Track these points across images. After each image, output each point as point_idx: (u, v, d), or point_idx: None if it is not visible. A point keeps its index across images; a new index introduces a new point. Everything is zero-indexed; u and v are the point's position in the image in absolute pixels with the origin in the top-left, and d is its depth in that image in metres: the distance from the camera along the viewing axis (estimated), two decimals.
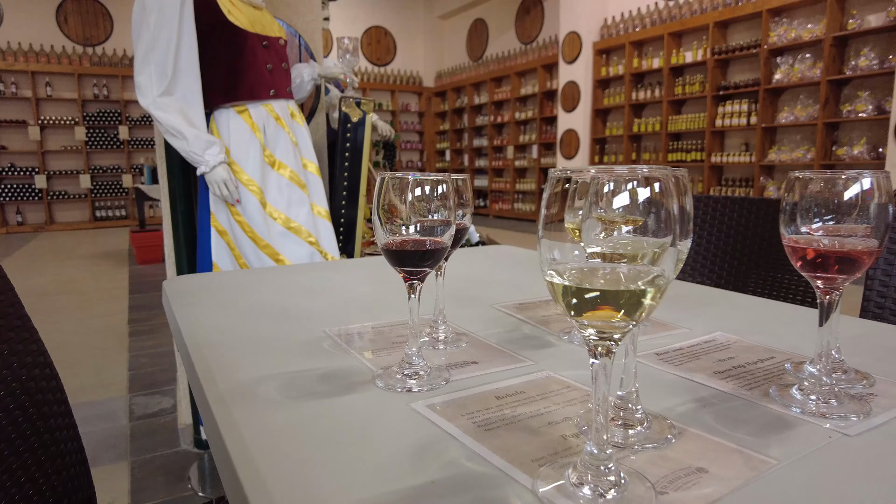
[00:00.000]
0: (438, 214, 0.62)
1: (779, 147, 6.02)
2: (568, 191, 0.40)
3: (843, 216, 0.57)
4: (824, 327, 0.59)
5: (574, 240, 0.41)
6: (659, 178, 0.39)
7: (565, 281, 0.39)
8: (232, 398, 0.60)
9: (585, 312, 0.39)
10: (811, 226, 0.58)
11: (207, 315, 0.93)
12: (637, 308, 0.39)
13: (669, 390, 0.62)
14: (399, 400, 0.59)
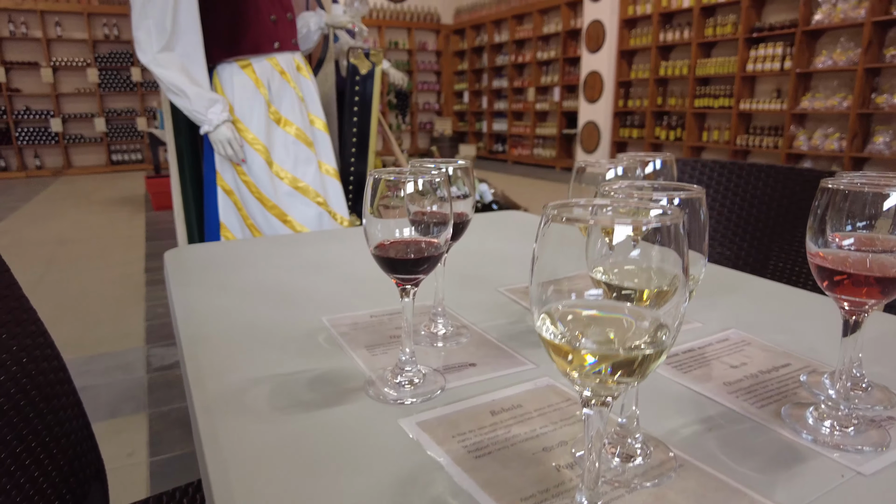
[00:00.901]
0: (435, 220, 0.58)
1: (813, 94, 5.73)
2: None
3: (880, 226, 0.51)
4: (848, 339, 0.54)
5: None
6: (668, 223, 0.34)
7: (557, 337, 0.35)
8: (219, 407, 0.58)
9: (577, 374, 0.36)
10: (841, 238, 0.52)
11: (205, 297, 0.91)
12: (638, 372, 0.35)
13: (675, 406, 0.59)
14: (389, 414, 0.57)
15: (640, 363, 0.35)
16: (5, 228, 5.57)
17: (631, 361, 0.35)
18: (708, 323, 0.80)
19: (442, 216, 0.58)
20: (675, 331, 0.35)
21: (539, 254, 0.35)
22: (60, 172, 9.27)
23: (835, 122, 5.65)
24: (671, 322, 0.35)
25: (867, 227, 0.52)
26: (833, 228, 0.53)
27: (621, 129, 8.08)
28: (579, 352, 0.35)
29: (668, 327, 0.35)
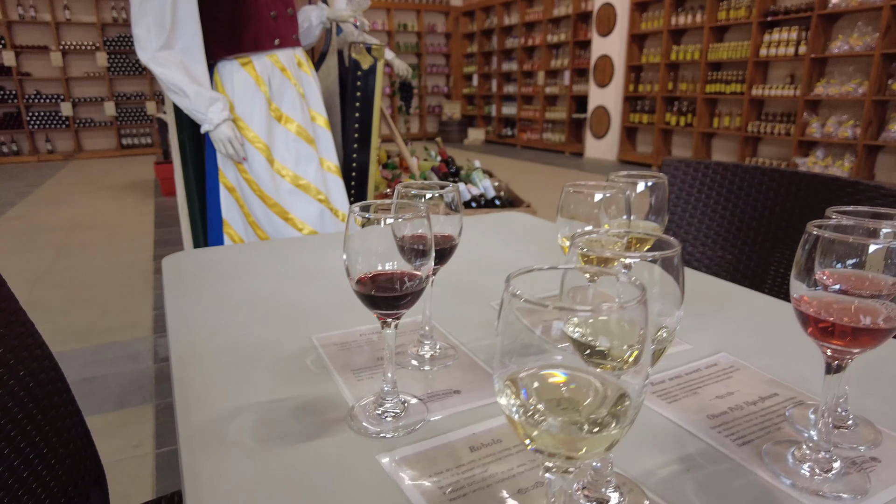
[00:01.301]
0: (418, 258, 0.57)
1: (828, 80, 5.62)
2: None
3: (872, 262, 0.50)
4: (832, 378, 0.54)
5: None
6: (630, 305, 0.33)
7: (515, 414, 0.35)
8: (202, 439, 0.59)
9: (538, 447, 0.35)
10: (829, 277, 0.52)
11: (198, 312, 0.92)
12: (599, 447, 0.35)
13: (655, 442, 0.58)
14: (369, 449, 0.57)
15: (603, 443, 0.35)
16: (18, 214, 5.63)
17: (594, 442, 0.34)
18: (698, 345, 0.80)
19: (422, 252, 0.58)
20: (638, 401, 0.35)
21: (502, 329, 0.35)
22: (71, 156, 9.33)
23: (849, 108, 5.54)
24: (635, 391, 0.35)
25: (857, 266, 0.51)
26: (822, 266, 0.52)
27: (631, 114, 7.98)
28: (539, 436, 0.35)
29: (631, 398, 0.35)
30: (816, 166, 5.69)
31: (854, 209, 0.60)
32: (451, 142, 11.41)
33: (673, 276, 0.44)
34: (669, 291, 0.45)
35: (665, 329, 0.45)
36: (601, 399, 0.36)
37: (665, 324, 0.45)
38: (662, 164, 1.60)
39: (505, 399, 0.36)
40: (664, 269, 0.44)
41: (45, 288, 3.56)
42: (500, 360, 0.35)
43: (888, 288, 0.50)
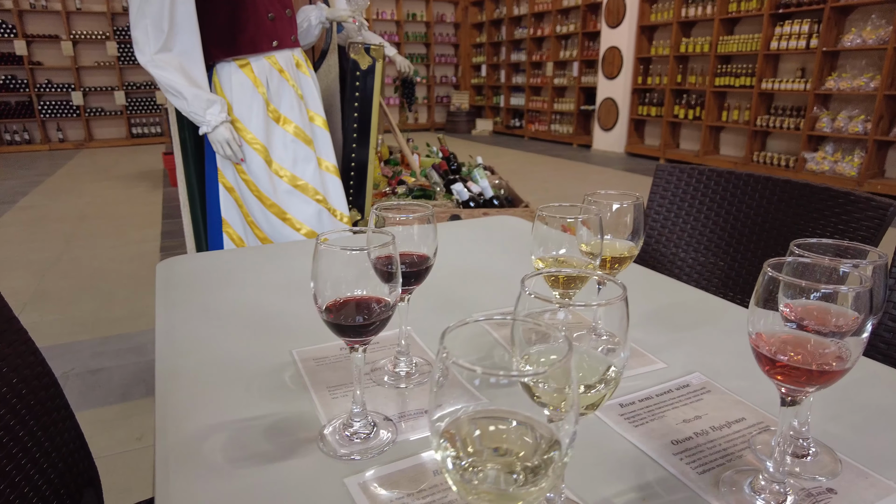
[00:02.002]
0: (387, 282, 0.59)
1: (839, 74, 5.53)
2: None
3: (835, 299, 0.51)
4: (787, 410, 0.54)
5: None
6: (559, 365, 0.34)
7: (449, 464, 0.36)
8: (176, 458, 0.61)
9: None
10: (791, 308, 0.52)
11: (186, 323, 0.94)
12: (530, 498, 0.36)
13: (616, 467, 0.60)
14: (336, 471, 0.59)
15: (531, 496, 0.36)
16: (29, 203, 5.70)
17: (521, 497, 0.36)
18: (672, 364, 0.81)
19: (390, 275, 0.59)
20: (567, 450, 0.36)
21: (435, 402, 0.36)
22: (82, 145, 9.41)
23: (860, 103, 5.47)
24: (565, 441, 0.36)
25: (823, 298, 0.51)
26: (785, 297, 0.52)
27: (640, 106, 7.91)
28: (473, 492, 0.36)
29: (561, 444, 0.36)
30: (826, 161, 5.62)
31: (818, 241, 0.60)
32: (459, 132, 11.38)
33: (618, 319, 0.45)
34: (615, 332, 0.45)
35: (613, 369, 0.46)
36: (535, 452, 0.37)
37: (612, 363, 0.46)
38: (656, 169, 1.60)
39: (440, 449, 0.37)
40: (608, 313, 0.44)
41: (54, 279, 3.61)
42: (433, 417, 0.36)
43: (849, 324, 0.50)
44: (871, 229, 1.18)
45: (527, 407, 0.38)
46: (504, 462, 0.37)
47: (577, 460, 0.61)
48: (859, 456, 0.61)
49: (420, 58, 11.67)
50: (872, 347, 1.07)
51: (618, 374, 0.46)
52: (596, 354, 0.47)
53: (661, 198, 1.59)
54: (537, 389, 0.38)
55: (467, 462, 0.36)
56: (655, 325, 0.92)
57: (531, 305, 0.44)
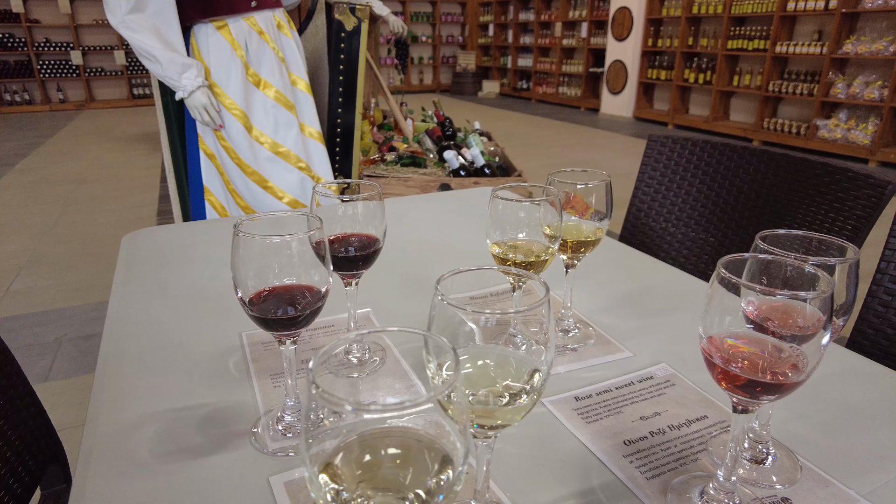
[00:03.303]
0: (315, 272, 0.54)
1: (857, 37, 5.31)
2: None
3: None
4: (739, 417, 0.50)
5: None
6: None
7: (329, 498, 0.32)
8: (100, 452, 0.58)
9: None
10: (755, 306, 0.47)
11: (140, 302, 0.90)
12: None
13: (561, 470, 0.56)
14: (263, 468, 0.56)
15: None
16: (28, 165, 5.67)
17: None
18: (640, 353, 0.76)
19: (320, 260, 0.55)
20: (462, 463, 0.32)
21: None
22: (83, 106, 9.31)
23: (878, 68, 5.26)
24: (458, 459, 0.32)
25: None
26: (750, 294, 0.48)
27: (649, 69, 7.69)
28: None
29: (454, 463, 0.33)
30: (838, 129, 5.45)
31: (787, 232, 0.55)
32: (464, 94, 11.15)
33: (543, 321, 0.40)
34: (540, 335, 0.41)
35: (538, 373, 0.42)
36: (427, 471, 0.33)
37: (537, 366, 0.42)
38: (648, 139, 1.53)
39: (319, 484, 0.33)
40: (528, 317, 0.40)
41: (50, 243, 3.60)
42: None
43: (815, 325, 0.46)
44: (868, 207, 1.12)
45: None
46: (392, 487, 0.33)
47: (519, 460, 0.57)
48: (823, 461, 0.57)
49: (425, 16, 11.35)
50: (865, 346, 1.03)
51: (542, 382, 0.41)
52: (519, 359, 0.43)
53: (653, 170, 1.53)
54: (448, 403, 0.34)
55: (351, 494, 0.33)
56: (627, 310, 0.88)
57: (444, 312, 0.39)
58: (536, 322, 0.40)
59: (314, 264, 0.56)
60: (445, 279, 0.42)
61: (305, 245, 0.54)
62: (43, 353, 2.39)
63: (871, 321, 1.02)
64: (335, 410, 0.30)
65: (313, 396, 0.30)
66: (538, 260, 0.68)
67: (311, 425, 0.31)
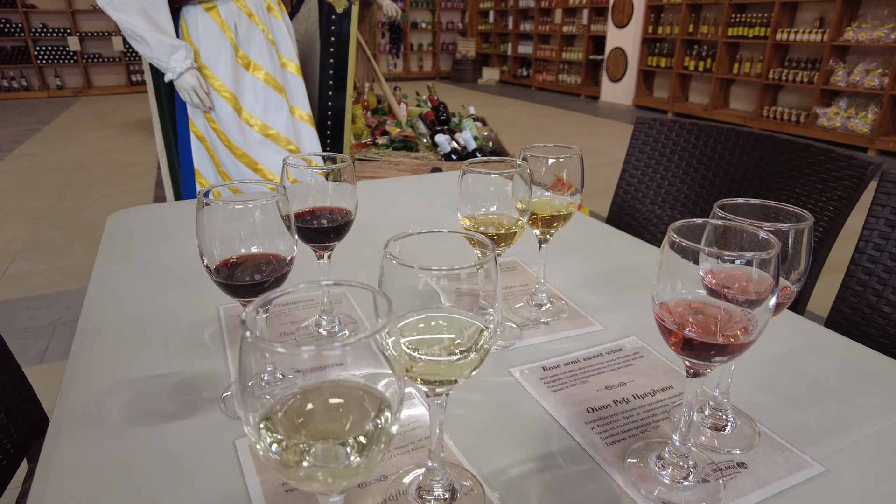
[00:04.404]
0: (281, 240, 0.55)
1: (859, 24, 5.27)
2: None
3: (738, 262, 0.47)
4: (692, 381, 0.50)
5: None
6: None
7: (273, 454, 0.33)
8: (72, 417, 0.59)
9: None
10: (713, 275, 0.48)
11: (121, 277, 0.91)
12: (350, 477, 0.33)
13: (522, 436, 0.57)
14: (231, 432, 0.57)
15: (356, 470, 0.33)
16: (25, 151, 5.67)
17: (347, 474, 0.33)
18: (610, 326, 0.77)
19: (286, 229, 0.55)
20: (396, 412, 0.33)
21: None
22: (81, 92, 9.28)
23: (879, 56, 5.23)
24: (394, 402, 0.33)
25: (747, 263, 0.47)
26: (708, 262, 0.48)
27: (649, 56, 7.64)
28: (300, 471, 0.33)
29: (391, 407, 0.34)
30: (838, 117, 5.43)
31: (745, 202, 0.56)
32: (464, 81, 11.10)
33: (488, 280, 0.41)
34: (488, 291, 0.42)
35: (486, 331, 0.42)
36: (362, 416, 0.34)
37: (485, 325, 0.42)
38: (636, 122, 1.53)
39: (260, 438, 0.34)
40: (470, 275, 0.40)
41: (46, 228, 3.61)
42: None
43: (767, 290, 0.46)
44: (850, 189, 1.13)
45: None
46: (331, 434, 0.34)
47: (482, 426, 0.58)
48: (782, 429, 0.58)
49: (425, 3, 11.26)
50: (843, 326, 1.04)
51: (488, 339, 0.42)
52: (466, 319, 0.43)
53: (640, 152, 1.53)
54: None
55: (290, 443, 0.34)
56: (603, 287, 0.89)
57: (392, 273, 0.40)
58: (487, 282, 0.41)
59: (280, 233, 0.56)
60: (394, 241, 0.42)
61: (270, 214, 0.55)
62: (38, 336, 2.41)
63: (848, 300, 1.03)
64: (274, 359, 0.31)
65: (247, 344, 0.31)
66: (508, 232, 0.68)
67: (255, 379, 0.32)
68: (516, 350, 0.72)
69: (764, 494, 0.50)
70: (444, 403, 0.45)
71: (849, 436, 0.57)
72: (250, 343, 0.31)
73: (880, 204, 1.02)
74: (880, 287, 1.00)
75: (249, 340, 0.31)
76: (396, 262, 0.39)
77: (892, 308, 0.97)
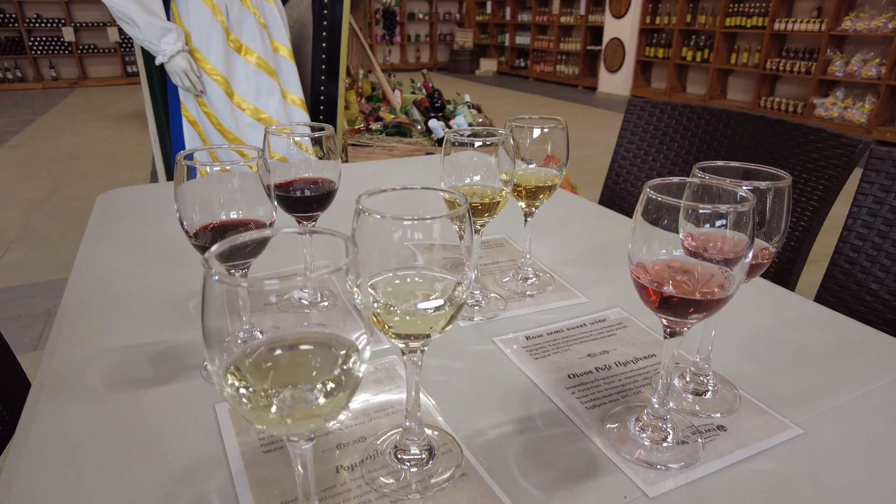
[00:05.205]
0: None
1: (857, 13, 5.26)
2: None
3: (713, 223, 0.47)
4: (670, 342, 0.50)
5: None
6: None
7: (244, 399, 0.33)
8: (54, 383, 0.59)
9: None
10: (693, 237, 0.48)
11: (109, 254, 0.91)
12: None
13: (501, 401, 0.57)
14: (210, 397, 0.57)
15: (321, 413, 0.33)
16: (20, 142, 5.64)
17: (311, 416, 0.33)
18: (595, 298, 0.77)
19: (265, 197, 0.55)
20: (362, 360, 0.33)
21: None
22: (76, 84, 9.23)
23: (877, 45, 5.22)
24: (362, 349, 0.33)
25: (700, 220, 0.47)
26: (687, 224, 0.48)
27: (647, 47, 7.61)
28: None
29: (359, 352, 0.34)
30: (835, 107, 5.42)
31: (725, 164, 0.56)
32: (462, 72, 11.05)
33: (463, 234, 0.41)
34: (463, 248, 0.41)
35: (460, 286, 0.42)
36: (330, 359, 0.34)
37: (459, 280, 0.42)
38: (628, 104, 1.52)
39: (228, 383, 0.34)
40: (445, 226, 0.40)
41: (41, 217, 3.60)
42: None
43: (744, 249, 0.46)
44: (840, 167, 1.13)
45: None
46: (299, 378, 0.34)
47: (463, 391, 0.58)
48: (763, 394, 0.58)
49: None
50: (832, 302, 1.04)
51: (463, 292, 0.42)
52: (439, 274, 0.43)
53: (632, 134, 1.52)
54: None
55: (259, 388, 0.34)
56: (590, 262, 0.89)
57: (365, 226, 0.40)
58: (461, 236, 0.40)
59: (259, 199, 0.56)
60: (367, 196, 0.42)
61: (249, 180, 0.55)
62: (33, 324, 2.40)
63: (837, 277, 1.03)
64: (239, 296, 0.31)
65: (210, 283, 0.31)
66: (491, 202, 0.68)
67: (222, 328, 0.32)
68: (500, 321, 0.72)
69: (742, 455, 0.50)
70: (420, 361, 0.45)
71: (829, 401, 0.57)
72: (214, 282, 0.31)
73: (869, 181, 1.02)
74: (868, 264, 1.00)
75: (214, 278, 0.30)
76: (367, 213, 0.39)
77: (879, 285, 0.97)
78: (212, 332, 0.32)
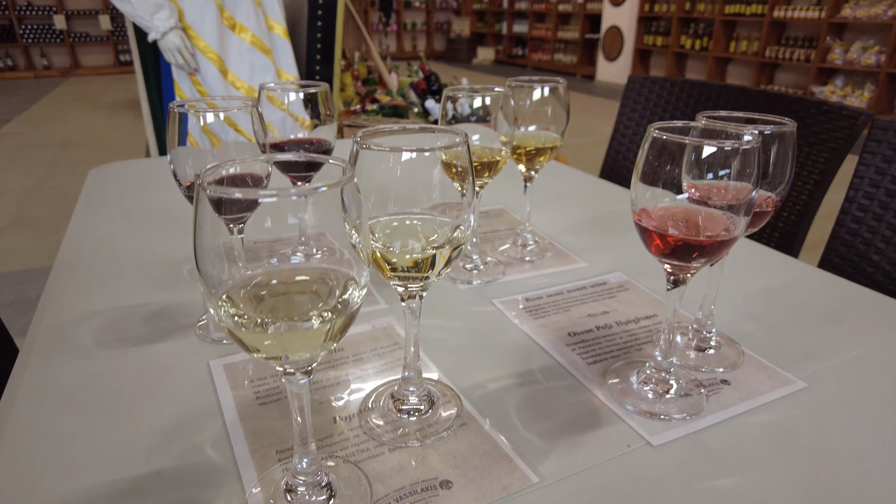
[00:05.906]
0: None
1: (857, 1, 5.23)
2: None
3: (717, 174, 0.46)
4: (673, 293, 0.49)
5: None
6: None
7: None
8: (44, 342, 0.58)
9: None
10: (695, 188, 0.47)
11: (102, 223, 0.89)
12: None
13: (501, 356, 0.56)
14: (204, 354, 0.56)
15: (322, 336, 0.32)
16: (11, 131, 5.59)
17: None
18: (595, 264, 0.76)
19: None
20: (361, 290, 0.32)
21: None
22: (68, 72, 9.14)
23: (876, 33, 5.20)
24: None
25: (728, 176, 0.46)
26: (689, 177, 0.47)
27: (646, 35, 7.58)
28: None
29: (357, 282, 0.33)
30: (834, 95, 5.41)
31: (728, 114, 0.55)
32: (459, 61, 10.99)
33: (464, 166, 0.40)
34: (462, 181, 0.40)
35: (460, 227, 0.41)
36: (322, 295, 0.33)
37: (459, 223, 0.41)
38: (628, 80, 1.51)
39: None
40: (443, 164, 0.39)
41: (34, 205, 3.57)
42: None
43: (742, 195, 0.45)
44: (841, 140, 1.12)
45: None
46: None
47: (458, 348, 0.57)
48: (765, 351, 0.57)
49: None
50: (837, 264, 1.03)
51: (463, 233, 0.41)
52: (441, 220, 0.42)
53: (632, 111, 1.51)
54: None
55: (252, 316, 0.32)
56: (589, 230, 0.88)
57: (363, 159, 0.39)
58: (460, 171, 0.39)
59: (254, 152, 0.55)
60: (365, 135, 0.41)
61: (245, 150, 0.54)
62: (25, 309, 2.39)
63: (843, 238, 1.02)
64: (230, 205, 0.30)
65: (203, 200, 0.29)
66: (491, 161, 0.67)
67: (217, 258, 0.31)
68: (499, 284, 0.71)
69: (746, 407, 0.49)
70: (419, 310, 0.44)
71: (831, 358, 0.57)
72: (205, 195, 0.29)
73: (870, 151, 1.01)
74: (870, 235, 0.99)
75: (206, 191, 0.29)
76: (366, 147, 0.38)
77: (880, 256, 0.97)
78: (205, 250, 0.31)
